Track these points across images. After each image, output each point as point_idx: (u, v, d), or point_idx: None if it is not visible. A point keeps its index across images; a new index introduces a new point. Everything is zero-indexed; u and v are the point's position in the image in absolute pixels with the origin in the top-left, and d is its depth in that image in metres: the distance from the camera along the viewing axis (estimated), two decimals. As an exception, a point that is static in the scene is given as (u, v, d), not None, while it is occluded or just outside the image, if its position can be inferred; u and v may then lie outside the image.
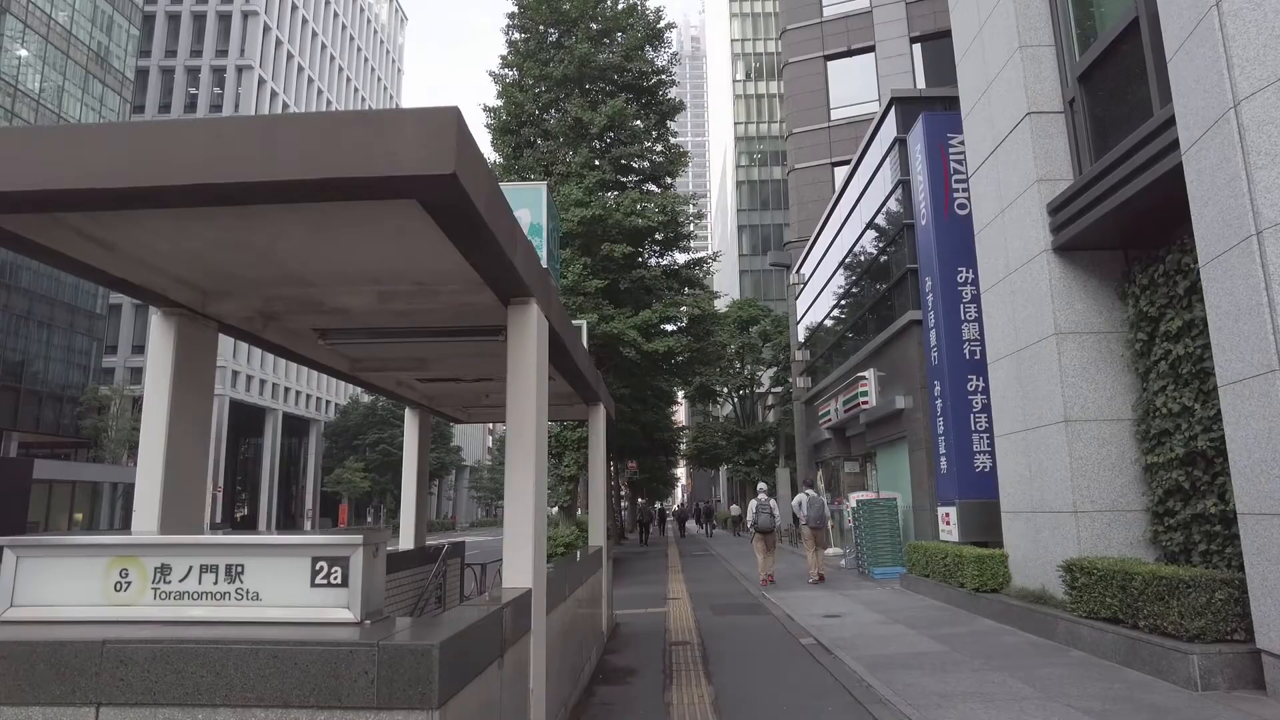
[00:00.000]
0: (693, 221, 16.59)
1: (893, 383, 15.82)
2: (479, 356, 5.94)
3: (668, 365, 16.66)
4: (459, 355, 6.33)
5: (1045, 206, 8.58)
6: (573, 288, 13.96)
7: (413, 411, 8.58)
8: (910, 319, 14.29)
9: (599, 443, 8.50)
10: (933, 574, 11.14)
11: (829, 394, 21.01)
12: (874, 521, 15.01)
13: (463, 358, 6.28)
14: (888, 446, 16.61)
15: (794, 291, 28.08)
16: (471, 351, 5.74)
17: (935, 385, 12.22)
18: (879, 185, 16.64)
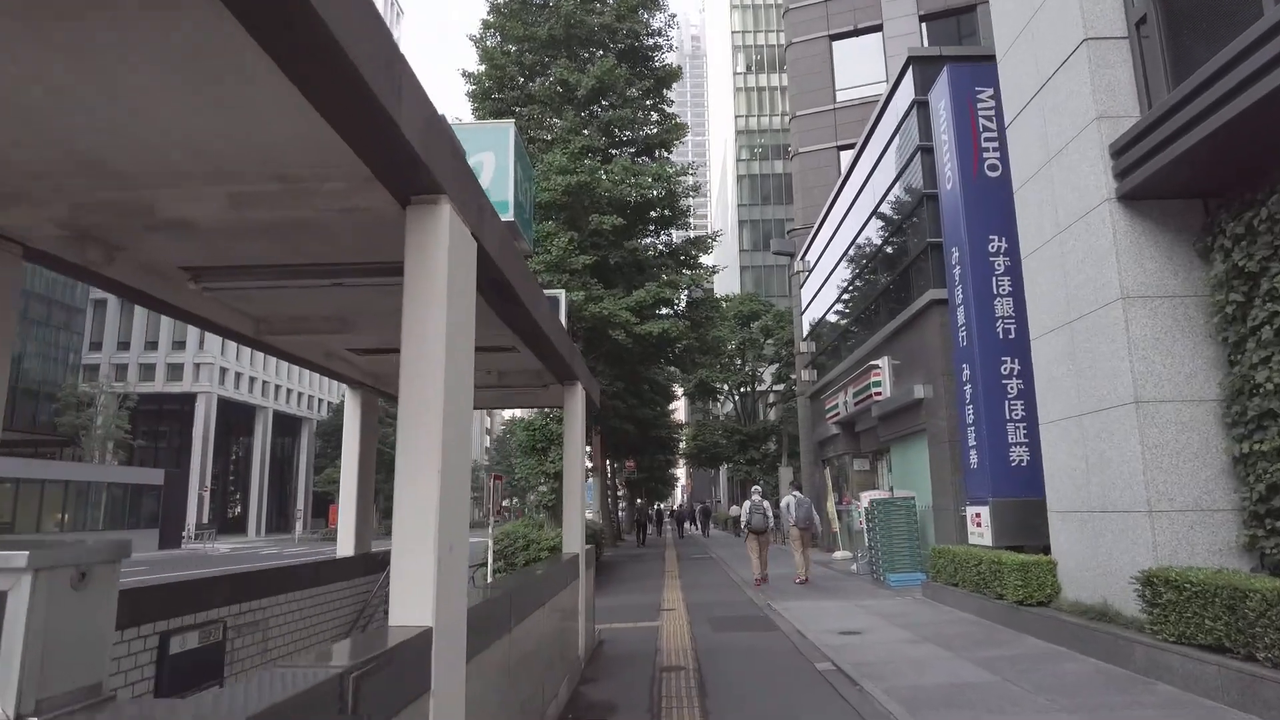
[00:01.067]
0: (691, 194, 15.21)
1: (910, 371, 14.43)
2: None
3: (664, 353, 15.28)
4: (390, 313, 5.00)
5: (1108, 148, 7.20)
6: (557, 264, 12.60)
7: (354, 392, 7.23)
8: (931, 299, 12.91)
9: (575, 428, 7.13)
10: (962, 582, 9.76)
11: (837, 386, 19.62)
12: (889, 523, 13.62)
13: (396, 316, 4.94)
14: (903, 441, 15.23)
15: (798, 281, 26.71)
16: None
17: (963, 369, 10.84)
18: (894, 156, 15.26)
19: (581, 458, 7.09)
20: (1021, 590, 8.14)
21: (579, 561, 7.01)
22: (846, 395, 18.29)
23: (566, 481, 7.23)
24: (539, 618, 5.06)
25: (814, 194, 27.97)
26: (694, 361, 16.21)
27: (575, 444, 7.18)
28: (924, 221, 13.58)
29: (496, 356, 6.33)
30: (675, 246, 15.43)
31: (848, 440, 20.05)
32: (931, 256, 13.14)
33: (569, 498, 7.11)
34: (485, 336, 5.25)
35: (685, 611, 11.04)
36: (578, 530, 7.03)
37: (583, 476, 7.19)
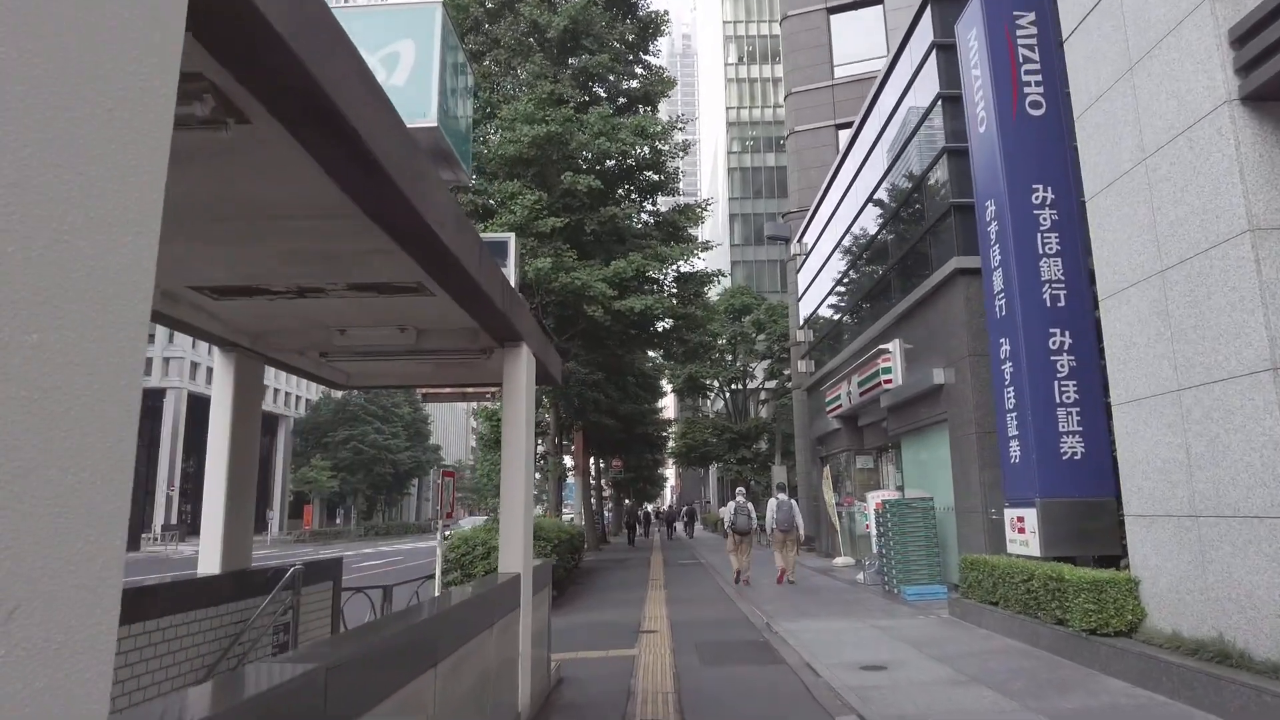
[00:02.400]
0: (679, 154, 13.41)
1: (927, 353, 12.68)
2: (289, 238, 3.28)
3: (647, 334, 13.46)
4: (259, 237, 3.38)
5: (1226, 34, 5.43)
6: (522, 227, 10.77)
7: (225, 356, 5.40)
8: (956, 268, 11.16)
9: (518, 402, 5.32)
10: (1004, 601, 8.00)
11: (838, 376, 17.87)
12: (904, 528, 11.86)
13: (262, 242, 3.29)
14: (918, 434, 13.47)
15: (793, 266, 24.95)
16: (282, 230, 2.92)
17: (1001, 345, 9.07)
18: (907, 114, 13.52)
19: (527, 442, 5.30)
20: (1094, 616, 6.37)
21: (523, 584, 5.19)
22: (850, 385, 16.54)
23: (506, 474, 5.41)
24: (452, 668, 3.27)
25: (811, 175, 26.26)
26: (681, 341, 14.35)
27: (517, 423, 5.37)
28: (945, 181, 11.83)
29: (399, 303, 4.54)
30: (662, 217, 13.61)
31: (849, 435, 18.29)
32: (956, 220, 11.39)
33: (509, 494, 5.29)
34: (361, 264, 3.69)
35: (669, 634, 9.23)
36: (520, 541, 5.20)
37: (529, 466, 5.39)
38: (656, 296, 12.19)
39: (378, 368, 6.69)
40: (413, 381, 7.40)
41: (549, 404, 17.71)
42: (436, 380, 7.21)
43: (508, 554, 5.23)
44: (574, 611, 11.71)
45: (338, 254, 3.56)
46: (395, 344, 5.47)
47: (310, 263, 3.67)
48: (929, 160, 12.33)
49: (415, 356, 5.94)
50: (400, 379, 7.43)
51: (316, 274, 4.02)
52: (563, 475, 22.15)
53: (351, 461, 59.57)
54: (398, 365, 6.57)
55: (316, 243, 3.36)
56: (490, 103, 11.77)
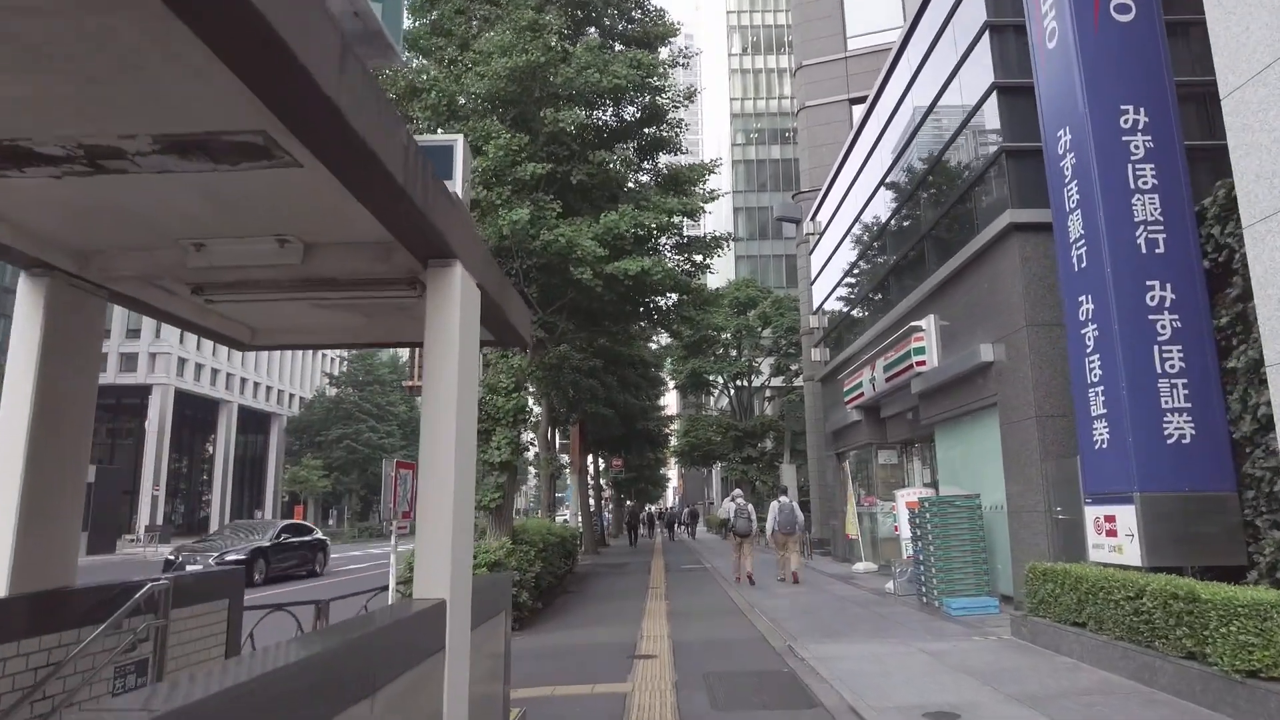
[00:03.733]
0: (682, 104, 11.72)
1: (969, 329, 10.97)
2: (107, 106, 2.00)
3: (645, 305, 11.73)
4: None
5: None
6: (497, 173, 9.08)
7: (32, 283, 3.64)
8: (1010, 223, 9.45)
9: (445, 344, 3.54)
10: (1097, 623, 6.28)
11: (859, 362, 16.16)
12: (946, 531, 10.14)
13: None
14: (957, 422, 11.75)
15: (805, 249, 23.26)
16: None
17: (1080, 304, 7.36)
18: (943, 52, 11.80)
19: (461, 408, 3.52)
20: (1257, 653, 4.65)
21: (451, 616, 3.44)
22: (873, 371, 14.83)
23: (428, 453, 3.63)
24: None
25: (822, 153, 24.60)
26: (685, 319, 12.58)
27: (444, 378, 3.59)
28: (993, 126, 10.13)
29: (257, 187, 2.84)
30: (663, 176, 11.90)
31: (871, 428, 16.57)
32: (1009, 168, 9.68)
33: (431, 483, 3.53)
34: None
35: (671, 660, 7.52)
36: (445, 551, 3.44)
37: (465, 443, 3.57)
38: (655, 258, 10.48)
39: (282, 314, 4.89)
40: (340, 338, 5.65)
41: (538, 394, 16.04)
42: (370, 336, 5.44)
43: (427, 571, 3.48)
44: (559, 628, 10.01)
45: (116, 71, 1.88)
46: (278, 267, 3.73)
47: (77, 86, 1.98)
48: (974, 102, 10.62)
49: (320, 293, 4.20)
50: (322, 335, 5.68)
51: (97, 117, 2.33)
52: (556, 473, 20.46)
53: (345, 461, 57.93)
54: (310, 312, 4.78)
55: (74, 50, 1.69)
56: (464, 38, 10.10)
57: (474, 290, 3.77)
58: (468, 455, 3.61)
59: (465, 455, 3.53)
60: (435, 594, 3.37)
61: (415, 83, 10.45)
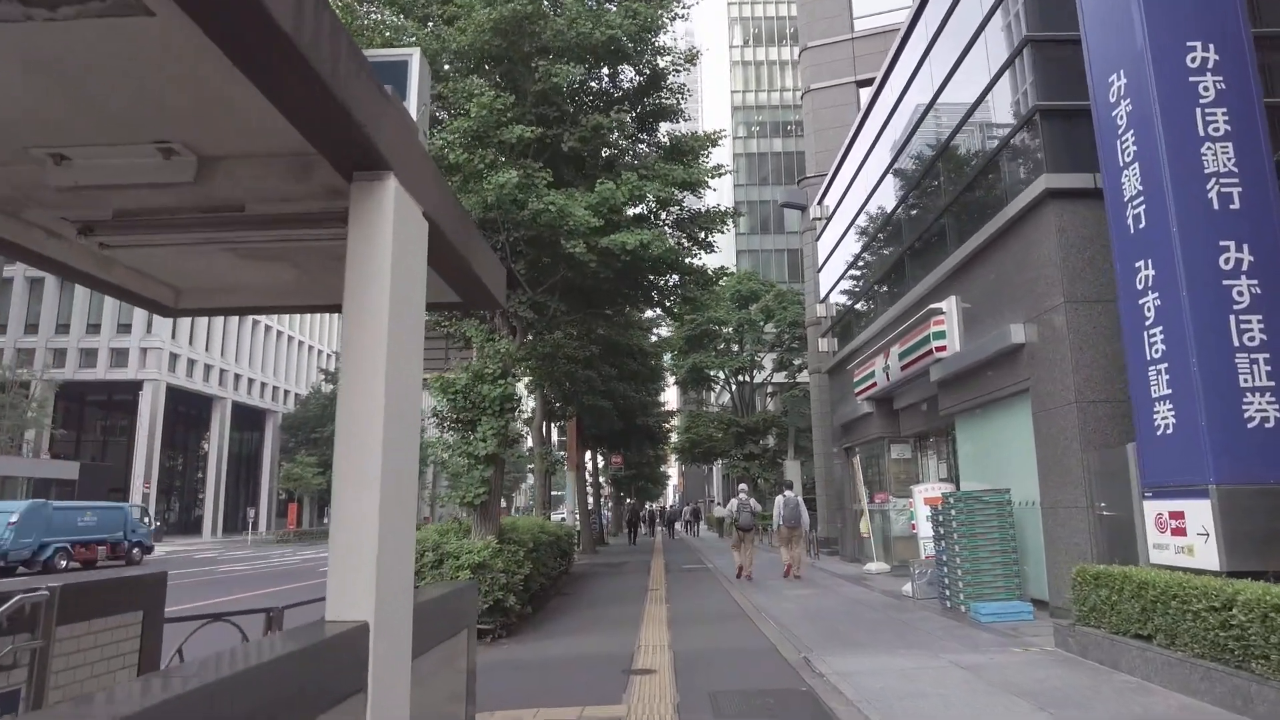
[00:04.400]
0: (684, 67, 10.83)
1: (996, 309, 10.07)
2: None
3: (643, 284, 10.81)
4: None
5: None
6: (480, 135, 8.16)
7: None
8: (1046, 190, 8.54)
9: (371, 278, 2.61)
10: (1167, 636, 5.39)
11: (871, 350, 15.27)
12: (974, 529, 9.26)
13: None
14: (983, 411, 10.85)
15: (811, 236, 22.35)
16: None
17: (1138, 270, 6.46)
18: (963, 14, 10.89)
19: (395, 357, 2.59)
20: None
21: (374, 644, 2.52)
22: (887, 359, 13.94)
23: (347, 422, 2.68)
24: None
25: (829, 136, 23.70)
26: (686, 299, 11.65)
27: (369, 327, 2.65)
28: (1025, 84, 9.23)
29: (100, 47, 1.95)
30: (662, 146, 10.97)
31: (883, 420, 15.68)
32: (1044, 129, 8.78)
33: (350, 460, 2.60)
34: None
35: (671, 674, 6.63)
36: (370, 556, 2.52)
37: (400, 403, 2.62)
38: (655, 232, 9.55)
39: (201, 268, 3.94)
40: (272, 299, 4.71)
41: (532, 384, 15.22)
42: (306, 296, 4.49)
43: (342, 584, 2.55)
44: (549, 636, 9.13)
45: None
46: (169, 189, 2.81)
47: None
48: (1001, 61, 9.72)
49: (232, 233, 3.28)
50: (251, 295, 4.73)
51: None
52: (551, 469, 19.57)
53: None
54: (234, 266, 3.84)
55: None
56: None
57: (418, 219, 2.83)
58: (404, 436, 2.67)
59: (400, 436, 2.60)
60: (352, 615, 2.44)
61: (393, 42, 9.56)
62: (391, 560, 2.50)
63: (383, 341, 2.54)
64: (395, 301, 2.58)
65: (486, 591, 8.96)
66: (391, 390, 2.53)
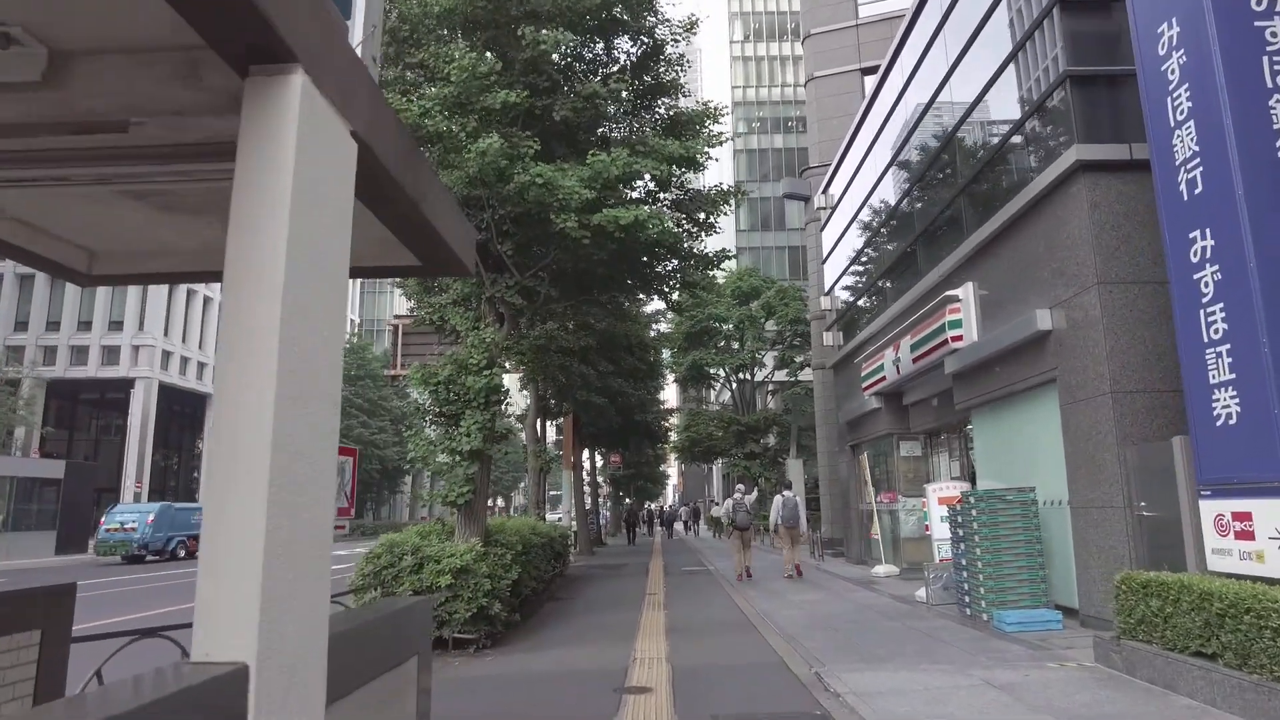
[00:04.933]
0: (683, 36, 10.12)
1: (1019, 295, 9.38)
2: None
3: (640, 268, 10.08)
4: None
5: None
6: (461, 101, 7.47)
7: None
8: (1077, 162, 7.84)
9: (268, 208, 1.88)
10: (1239, 656, 4.70)
11: (879, 344, 14.59)
12: (997, 531, 8.57)
13: None
14: (1002, 405, 10.16)
15: (817, 225, 21.66)
16: None
17: (1193, 242, 5.77)
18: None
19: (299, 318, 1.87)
20: None
21: (261, 687, 1.79)
22: (897, 352, 13.25)
23: (227, 384, 1.94)
24: None
25: (833, 125, 23.03)
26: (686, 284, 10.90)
27: (259, 266, 1.91)
28: (1052, 53, 8.53)
29: None
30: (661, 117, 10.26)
31: (891, 416, 15.00)
32: (1074, 98, 8.08)
33: (219, 459, 1.88)
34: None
35: (669, 693, 5.94)
36: (250, 578, 1.81)
37: (275, 390, 1.88)
38: (653, 209, 8.83)
39: (106, 220, 3.19)
40: (199, 263, 3.97)
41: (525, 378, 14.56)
42: None
43: (215, 611, 1.83)
44: (537, 647, 8.44)
45: None
46: (14, 92, 2.10)
47: None
48: (1026, 28, 9.02)
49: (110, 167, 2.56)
50: (174, 259, 3.99)
51: None
52: (545, 468, 18.86)
53: (336, 457, 56.42)
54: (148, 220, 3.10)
55: None
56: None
57: (340, 138, 2.08)
58: (307, 424, 1.95)
59: (301, 423, 1.87)
60: (225, 655, 1.71)
61: (371, 6, 8.87)
62: (285, 580, 1.78)
63: (276, 295, 1.82)
64: (298, 242, 1.86)
65: (470, 598, 8.27)
66: (289, 364, 1.81)
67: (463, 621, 8.23)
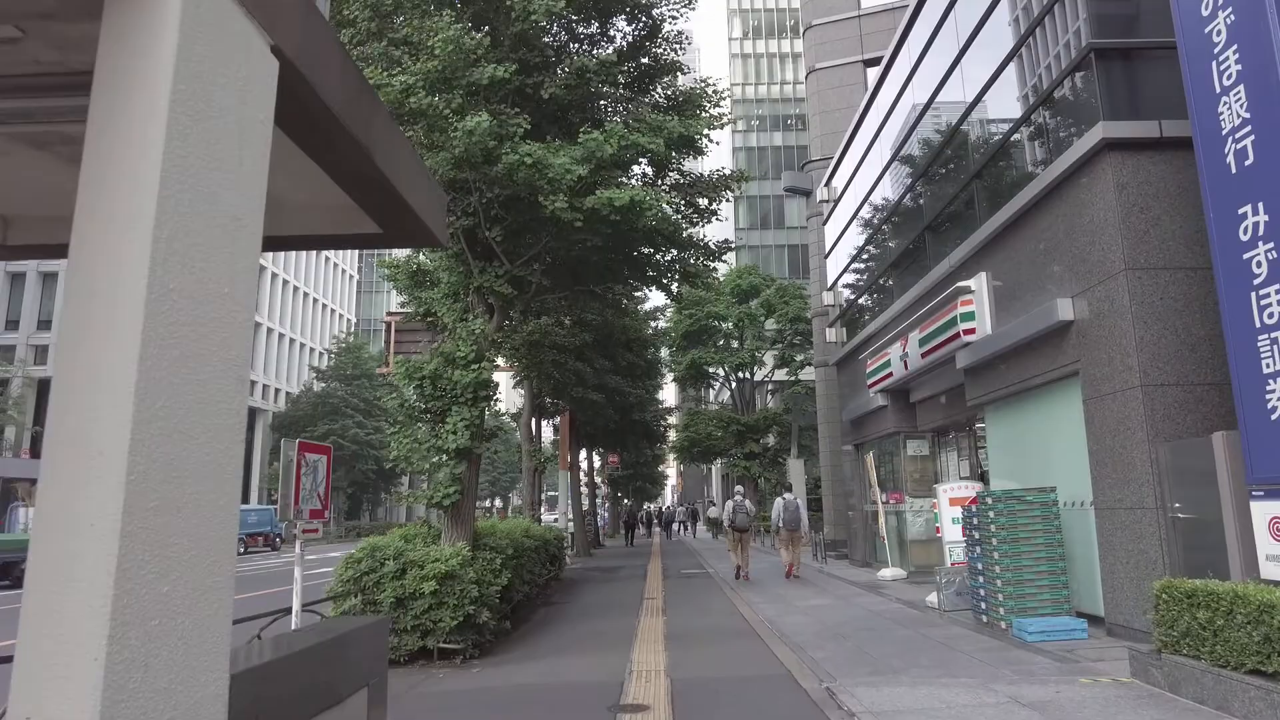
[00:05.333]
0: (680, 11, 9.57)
1: (1037, 284, 8.88)
2: None
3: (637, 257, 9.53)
4: None
5: None
6: (446, 76, 6.94)
7: None
8: (1101, 140, 7.34)
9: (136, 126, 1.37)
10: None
11: (885, 339, 14.09)
12: (1016, 534, 8.07)
13: None
14: (1018, 400, 9.66)
15: (819, 219, 21.16)
16: None
17: (1241, 217, 5.27)
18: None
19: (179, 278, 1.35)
20: None
21: None
22: (905, 347, 12.75)
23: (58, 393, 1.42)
24: None
25: (835, 118, 22.55)
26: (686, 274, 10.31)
27: (124, 161, 1.38)
28: (1074, 26, 8.04)
29: None
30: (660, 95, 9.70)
31: (898, 414, 14.50)
32: (1099, 74, 7.59)
33: (55, 447, 1.36)
34: None
35: (668, 713, 5.43)
36: (98, 611, 1.29)
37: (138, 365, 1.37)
38: (651, 190, 8.28)
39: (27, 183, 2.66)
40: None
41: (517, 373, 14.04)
42: None
43: (37, 660, 1.31)
44: (528, 658, 7.93)
45: None
46: None
47: None
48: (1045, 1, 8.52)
49: None
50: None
51: None
52: (539, 467, 18.35)
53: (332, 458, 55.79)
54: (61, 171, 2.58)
55: None
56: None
57: (252, 45, 1.53)
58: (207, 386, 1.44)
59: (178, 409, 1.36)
60: (52, 712, 1.16)
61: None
62: (151, 604, 1.25)
63: (145, 226, 1.33)
64: (179, 166, 1.37)
65: (456, 605, 7.76)
66: (165, 315, 1.30)
67: (448, 630, 7.72)
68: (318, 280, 70.87)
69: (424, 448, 8.61)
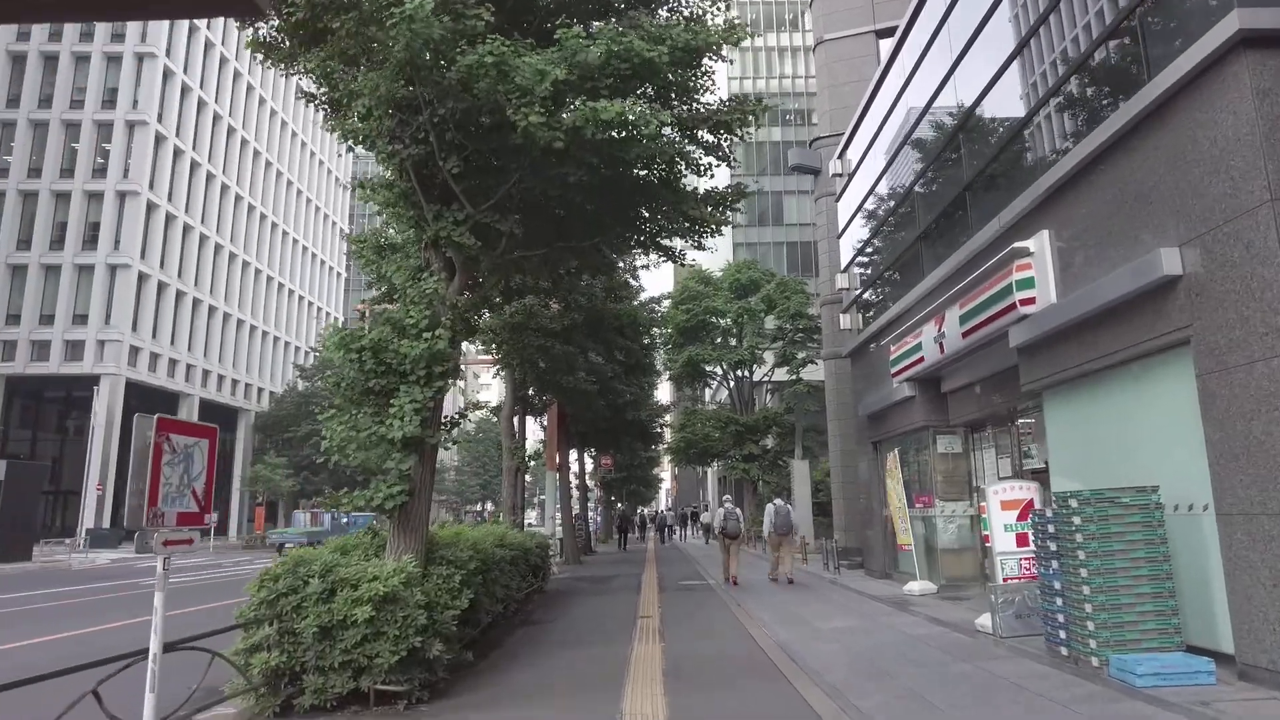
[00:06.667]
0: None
1: (1123, 236, 7.16)
2: None
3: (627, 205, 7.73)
4: None
5: None
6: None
7: None
8: (1236, 33, 5.63)
9: None
10: None
11: (914, 320, 12.39)
12: (1110, 547, 6.35)
13: None
14: (1091, 382, 7.92)
15: (831, 197, 19.46)
16: None
17: None
18: None
19: None
20: None
21: None
22: (940, 327, 11.05)
23: None
24: None
25: (844, 92, 20.89)
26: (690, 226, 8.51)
27: None
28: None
29: None
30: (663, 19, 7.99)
31: (927, 406, 12.78)
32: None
33: None
34: None
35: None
36: None
37: None
38: (651, 108, 6.51)
39: None
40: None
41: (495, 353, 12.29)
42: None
43: None
44: (492, 703, 6.16)
45: None
46: None
47: None
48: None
49: None
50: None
51: None
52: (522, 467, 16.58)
53: (313, 460, 53.79)
54: None
55: None
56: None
57: None
58: None
59: None
60: None
61: None
62: None
63: None
64: None
65: (398, 636, 6.01)
66: None
67: (387, 668, 5.97)
68: (304, 278, 68.93)
69: (363, 436, 6.85)
